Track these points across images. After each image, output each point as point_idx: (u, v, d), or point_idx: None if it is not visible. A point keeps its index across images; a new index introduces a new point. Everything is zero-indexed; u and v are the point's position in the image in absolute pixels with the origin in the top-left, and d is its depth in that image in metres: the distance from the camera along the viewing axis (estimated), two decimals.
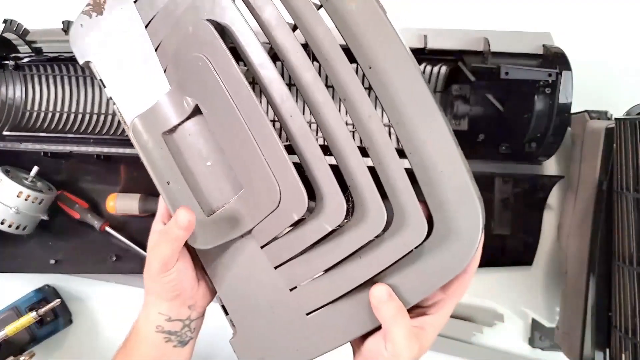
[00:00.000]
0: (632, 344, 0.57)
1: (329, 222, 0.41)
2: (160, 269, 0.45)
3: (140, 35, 0.46)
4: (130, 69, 0.47)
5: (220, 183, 0.46)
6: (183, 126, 0.46)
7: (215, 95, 0.42)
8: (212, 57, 0.42)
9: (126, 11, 0.46)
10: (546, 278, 0.78)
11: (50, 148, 0.71)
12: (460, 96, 0.70)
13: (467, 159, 0.71)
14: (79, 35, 0.48)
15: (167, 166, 0.46)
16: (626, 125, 0.58)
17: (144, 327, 0.47)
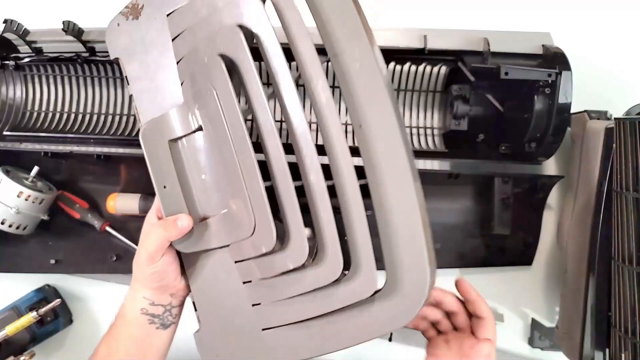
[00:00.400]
0: (631, 343, 0.57)
1: (293, 262, 0.47)
2: (147, 260, 0.49)
3: (166, 47, 0.50)
4: (152, 74, 0.51)
5: (210, 196, 0.50)
6: (187, 138, 0.50)
7: (216, 124, 0.47)
8: (219, 91, 0.46)
9: (159, 21, 0.51)
10: (546, 278, 0.79)
11: (50, 148, 0.71)
12: (460, 96, 0.70)
13: (467, 159, 0.72)
14: (114, 33, 0.53)
15: (167, 171, 0.50)
16: (626, 125, 0.58)
17: (130, 309, 0.52)
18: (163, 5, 0.50)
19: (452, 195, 0.75)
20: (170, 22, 0.50)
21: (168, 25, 0.50)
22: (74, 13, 0.70)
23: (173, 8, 0.50)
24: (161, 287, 0.52)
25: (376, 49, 0.45)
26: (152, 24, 0.51)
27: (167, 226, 0.49)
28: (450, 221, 0.75)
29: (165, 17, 0.50)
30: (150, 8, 0.51)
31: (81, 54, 0.69)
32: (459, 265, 0.76)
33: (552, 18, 0.78)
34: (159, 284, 0.51)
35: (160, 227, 0.49)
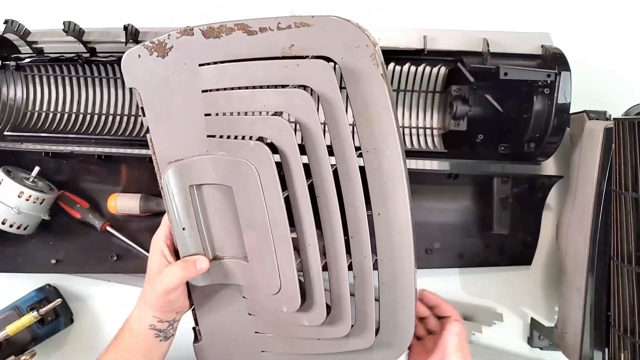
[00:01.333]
0: (630, 343, 0.58)
1: (309, 321, 0.53)
2: (164, 294, 0.53)
3: (195, 96, 0.50)
4: (173, 116, 0.51)
5: (228, 241, 0.53)
6: (211, 186, 0.52)
7: (252, 197, 0.49)
8: (263, 176, 0.48)
9: (188, 68, 0.49)
10: (545, 278, 0.79)
11: (51, 148, 0.72)
12: (460, 96, 0.70)
13: (467, 160, 0.72)
14: (134, 63, 0.51)
15: (186, 215, 0.52)
16: (625, 125, 0.58)
17: (138, 324, 0.56)
18: (195, 54, 0.49)
19: (452, 195, 0.75)
20: (202, 74, 0.49)
21: (200, 75, 0.49)
22: (75, 13, 0.71)
23: (207, 61, 0.48)
24: (170, 311, 0.56)
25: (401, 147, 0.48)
26: (181, 69, 0.49)
27: (187, 268, 0.53)
28: (449, 221, 0.75)
29: (197, 66, 0.49)
30: (179, 52, 0.49)
31: (82, 55, 0.69)
32: (458, 265, 0.76)
33: (552, 18, 0.78)
34: (169, 308, 0.55)
35: (181, 269, 0.53)
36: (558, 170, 0.77)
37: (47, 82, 0.76)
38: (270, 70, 0.46)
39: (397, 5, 0.80)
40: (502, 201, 0.73)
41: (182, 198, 0.52)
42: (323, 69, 0.45)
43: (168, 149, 0.52)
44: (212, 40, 0.48)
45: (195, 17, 0.80)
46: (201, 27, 0.48)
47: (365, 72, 0.46)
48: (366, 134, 0.48)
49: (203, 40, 0.48)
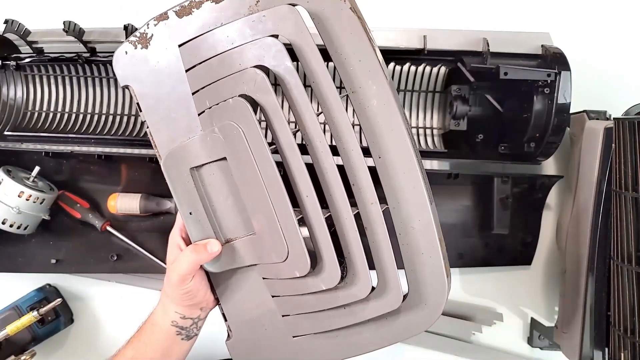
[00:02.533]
0: (630, 342, 0.58)
1: (325, 283, 0.50)
2: (179, 282, 0.52)
3: (180, 77, 0.51)
4: (166, 103, 0.52)
5: (236, 219, 0.52)
6: (209, 166, 0.51)
7: (242, 157, 0.48)
8: (246, 131, 0.48)
9: (170, 52, 0.50)
10: (545, 277, 0.79)
11: (51, 148, 0.72)
12: (460, 96, 0.70)
13: (467, 159, 0.72)
14: (123, 61, 0.52)
15: (191, 199, 0.52)
16: (625, 125, 0.58)
17: (161, 319, 0.55)
18: (173, 36, 0.50)
19: (452, 195, 0.75)
20: (183, 53, 0.50)
21: (181, 56, 0.50)
22: (75, 13, 0.71)
23: (185, 39, 0.50)
24: (192, 304, 0.55)
25: (391, 84, 0.47)
26: (163, 54, 0.51)
27: (198, 250, 0.52)
28: (449, 221, 0.75)
29: (177, 47, 0.50)
30: (160, 38, 0.50)
31: (82, 54, 0.69)
32: (458, 265, 0.76)
33: (552, 18, 0.78)
34: (190, 302, 0.54)
35: (192, 252, 0.52)
36: (558, 170, 0.77)
37: (47, 82, 0.76)
38: (241, 29, 0.48)
39: (397, 5, 0.80)
40: (502, 201, 0.73)
41: (184, 182, 0.52)
42: (288, 13, 0.46)
43: (166, 137, 0.52)
44: (186, 17, 0.49)
45: None
46: (174, 9, 0.50)
47: (333, 9, 0.46)
48: (348, 74, 0.47)
49: (178, 21, 0.50)
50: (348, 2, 0.46)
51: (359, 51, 0.46)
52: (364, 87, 0.47)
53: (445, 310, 0.76)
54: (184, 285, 0.52)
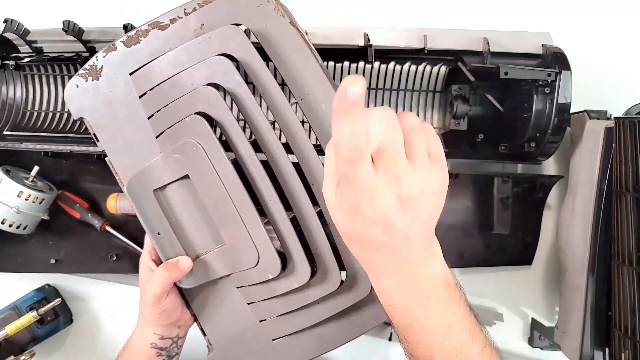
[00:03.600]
0: (631, 343, 0.58)
1: (298, 281, 0.51)
2: (154, 302, 0.53)
3: (134, 104, 0.52)
4: (122, 131, 0.53)
5: (204, 233, 0.54)
6: (173, 185, 0.53)
7: (204, 171, 0.50)
8: (206, 147, 0.49)
9: (121, 81, 0.52)
10: (546, 278, 0.79)
11: (50, 148, 0.71)
12: (460, 96, 0.70)
13: (467, 159, 0.72)
14: (75, 94, 0.53)
15: (157, 219, 0.53)
16: (625, 124, 0.58)
17: (138, 343, 0.55)
18: (123, 65, 0.52)
19: (452, 195, 0.75)
20: (134, 81, 0.51)
21: (133, 83, 0.52)
22: (74, 13, 0.70)
23: (135, 67, 0.51)
24: (170, 324, 0.55)
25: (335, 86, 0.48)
26: (115, 84, 0.52)
27: (170, 269, 0.52)
28: (449, 221, 0.75)
29: (129, 75, 0.51)
30: (110, 69, 0.52)
31: (81, 54, 0.69)
32: (458, 265, 0.76)
33: (552, 18, 0.78)
34: (167, 321, 0.54)
35: (164, 271, 0.52)
36: (558, 170, 0.77)
37: (46, 82, 0.76)
38: (189, 51, 0.49)
39: (397, 5, 0.80)
40: (503, 201, 0.72)
41: (149, 204, 0.53)
42: (232, 32, 0.48)
43: (126, 163, 0.54)
44: (134, 47, 0.51)
45: None
46: (122, 39, 0.52)
47: (274, 26, 0.49)
48: (295, 85, 0.49)
49: (126, 50, 0.51)
50: (287, 17, 0.48)
51: (302, 61, 0.49)
52: (311, 93, 0.49)
53: None
54: (160, 304, 0.53)
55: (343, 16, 0.80)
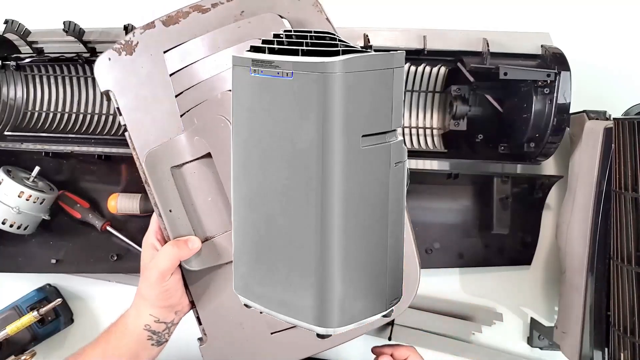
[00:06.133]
0: (630, 343, 0.58)
1: None
2: (159, 279, 0.51)
3: (165, 81, 0.53)
4: (148, 107, 0.54)
5: (215, 216, 0.53)
6: (191, 164, 0.53)
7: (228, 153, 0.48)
8: None
9: (155, 58, 0.53)
10: (545, 277, 0.79)
11: (51, 148, 0.72)
12: (459, 96, 0.70)
13: (466, 159, 0.72)
14: (105, 67, 0.54)
15: (172, 196, 0.53)
16: (625, 125, 0.58)
17: (133, 322, 0.54)
18: (159, 43, 0.53)
19: (452, 195, 0.75)
20: (167, 59, 0.53)
21: (165, 61, 0.53)
22: (75, 13, 0.71)
23: (170, 46, 0.52)
24: (168, 306, 0.54)
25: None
26: (148, 60, 0.53)
27: (179, 246, 0.52)
28: (449, 221, 0.75)
29: (162, 53, 0.53)
30: (145, 45, 0.53)
31: (82, 55, 0.69)
32: (458, 265, 0.76)
33: (552, 18, 0.78)
34: (167, 302, 0.53)
35: (173, 247, 0.52)
36: (558, 170, 0.77)
37: (47, 82, 0.76)
38: (226, 34, 0.50)
39: (397, 5, 0.80)
40: (502, 201, 0.73)
41: (165, 181, 0.53)
42: (272, 20, 0.50)
43: (147, 139, 0.54)
44: (173, 26, 0.52)
45: None
46: (161, 18, 0.52)
47: (311, 20, 0.51)
48: None
49: (164, 29, 0.53)
50: (324, 13, 0.51)
51: None
52: None
53: (445, 310, 0.78)
54: (163, 282, 0.52)
55: (343, 16, 0.80)
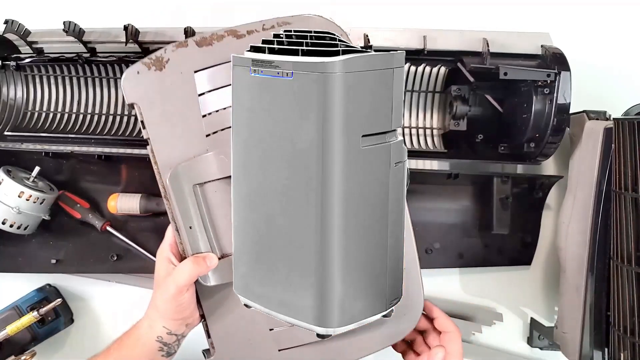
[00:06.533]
0: (630, 343, 0.58)
1: None
2: (176, 293, 0.52)
3: (192, 100, 0.53)
4: (174, 123, 0.54)
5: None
6: (213, 183, 0.54)
7: None
8: None
9: (185, 76, 0.53)
10: (545, 278, 0.79)
11: (51, 148, 0.72)
12: (459, 96, 0.70)
13: (466, 159, 0.72)
14: (133, 79, 0.54)
15: (193, 213, 0.54)
16: (625, 125, 0.58)
17: (146, 334, 0.55)
18: (190, 62, 0.53)
19: (452, 195, 0.75)
20: (197, 79, 0.52)
21: (195, 81, 0.52)
22: (75, 13, 0.71)
23: (201, 67, 0.52)
24: (181, 319, 0.55)
25: None
26: (178, 78, 0.53)
27: (198, 262, 0.53)
28: (449, 221, 0.75)
29: (193, 73, 0.52)
30: (176, 63, 0.53)
31: (82, 55, 0.69)
32: (458, 265, 0.76)
33: (552, 18, 0.78)
34: (180, 315, 0.54)
35: (191, 263, 0.53)
36: (558, 170, 0.77)
37: (47, 82, 0.76)
38: None
39: (397, 5, 0.80)
40: (502, 201, 0.73)
41: (188, 198, 0.53)
42: None
43: (169, 155, 0.54)
44: (206, 47, 0.52)
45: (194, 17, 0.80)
46: (194, 38, 0.52)
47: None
48: None
49: (197, 49, 0.52)
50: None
51: None
52: None
53: (445, 310, 0.77)
54: (180, 297, 0.53)
55: (343, 16, 0.80)
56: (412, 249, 0.53)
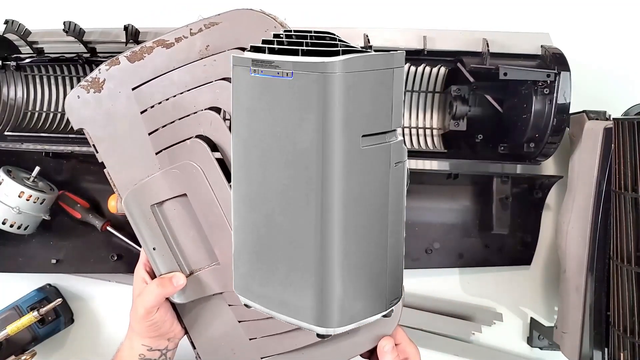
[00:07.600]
0: (630, 343, 0.58)
1: None
2: (145, 315, 0.53)
3: (136, 119, 0.52)
4: (122, 144, 0.53)
5: (199, 250, 0.54)
6: (170, 201, 0.53)
7: (204, 196, 0.51)
8: (206, 170, 0.50)
9: (124, 95, 0.52)
10: (545, 277, 0.79)
11: (51, 148, 0.72)
12: (459, 97, 0.70)
13: (466, 160, 0.72)
14: (75, 105, 0.53)
15: (154, 234, 0.54)
16: (624, 125, 0.58)
17: (128, 355, 0.56)
18: (126, 80, 0.52)
19: (452, 195, 0.75)
20: (137, 96, 0.52)
21: (135, 98, 0.52)
22: (75, 13, 0.71)
23: (138, 83, 0.51)
24: (158, 335, 0.55)
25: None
26: (117, 98, 0.52)
27: (164, 284, 0.53)
28: (449, 221, 0.75)
29: (131, 90, 0.51)
30: (112, 82, 0.52)
31: (82, 55, 0.69)
32: (458, 265, 0.76)
33: (552, 18, 0.78)
34: (156, 332, 0.55)
35: (157, 285, 0.53)
36: (558, 170, 0.77)
37: (47, 82, 0.76)
38: (193, 72, 0.50)
39: (397, 5, 0.80)
40: (502, 201, 0.73)
41: (146, 219, 0.53)
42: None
43: (125, 176, 0.54)
44: (138, 62, 0.51)
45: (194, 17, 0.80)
46: (125, 54, 0.51)
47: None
48: None
49: (130, 65, 0.51)
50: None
51: None
52: None
53: (445, 310, 0.78)
54: (150, 317, 0.53)
55: (343, 16, 0.80)
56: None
